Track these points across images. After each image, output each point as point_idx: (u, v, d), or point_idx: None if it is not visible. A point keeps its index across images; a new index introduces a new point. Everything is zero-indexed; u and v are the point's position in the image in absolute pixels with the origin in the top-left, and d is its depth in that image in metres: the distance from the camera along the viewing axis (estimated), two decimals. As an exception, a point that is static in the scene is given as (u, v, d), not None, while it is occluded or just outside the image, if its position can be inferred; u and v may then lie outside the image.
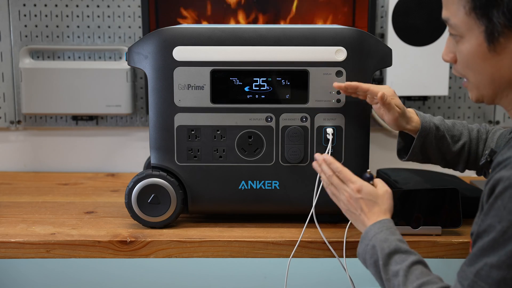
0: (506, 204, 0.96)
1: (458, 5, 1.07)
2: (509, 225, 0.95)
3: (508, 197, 0.96)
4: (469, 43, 1.07)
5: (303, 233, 1.43)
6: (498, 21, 1.02)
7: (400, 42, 1.92)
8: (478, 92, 1.11)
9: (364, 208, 1.28)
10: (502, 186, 0.97)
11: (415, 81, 1.92)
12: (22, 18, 2.02)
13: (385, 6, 1.99)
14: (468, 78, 1.12)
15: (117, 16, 2.03)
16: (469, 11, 1.06)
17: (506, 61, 1.05)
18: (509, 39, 1.03)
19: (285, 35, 1.46)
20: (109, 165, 2.12)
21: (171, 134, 1.49)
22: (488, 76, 1.08)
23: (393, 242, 1.19)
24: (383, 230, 1.22)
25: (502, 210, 0.96)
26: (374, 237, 1.21)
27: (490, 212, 0.98)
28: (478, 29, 1.05)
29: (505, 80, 1.07)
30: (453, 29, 1.10)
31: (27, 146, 2.11)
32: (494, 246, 0.96)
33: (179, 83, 1.47)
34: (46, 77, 2.00)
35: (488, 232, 0.98)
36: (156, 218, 1.50)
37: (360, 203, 1.28)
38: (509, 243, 0.95)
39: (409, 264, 1.14)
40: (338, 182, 1.32)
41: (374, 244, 1.20)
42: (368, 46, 1.46)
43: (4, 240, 1.44)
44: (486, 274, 0.97)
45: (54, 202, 1.73)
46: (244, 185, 1.50)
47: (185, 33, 1.46)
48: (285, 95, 1.48)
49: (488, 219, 0.98)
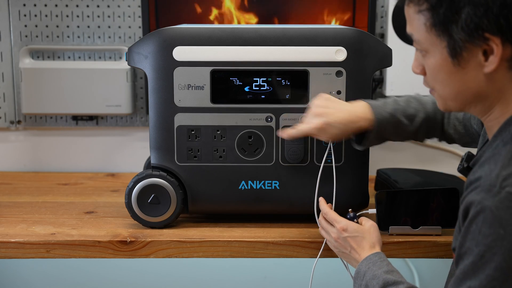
0: (480, 228, 0.97)
1: (419, 21, 1.08)
2: (485, 249, 0.97)
3: (481, 221, 0.97)
4: (434, 58, 1.09)
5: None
6: (458, 37, 1.04)
7: (400, 42, 1.92)
8: (445, 103, 1.13)
9: (353, 245, 1.31)
10: (474, 211, 0.99)
11: (415, 81, 1.92)
12: (22, 18, 2.02)
13: (385, 6, 1.99)
14: (436, 90, 1.13)
15: (117, 16, 2.03)
16: (430, 28, 1.07)
17: (471, 74, 1.06)
18: (471, 53, 1.04)
19: (285, 35, 1.46)
20: (109, 165, 2.12)
21: (171, 134, 1.49)
22: (455, 89, 1.09)
23: (380, 277, 1.22)
24: (370, 267, 1.25)
25: (477, 234, 0.98)
26: (365, 276, 1.25)
27: (467, 235, 1.00)
28: (440, 44, 1.07)
29: (471, 93, 1.08)
30: (417, 45, 1.11)
31: (27, 146, 2.11)
32: (474, 269, 0.98)
33: (179, 83, 1.47)
34: (46, 77, 2.00)
35: (468, 255, 1.00)
36: (156, 218, 1.50)
37: (348, 241, 1.32)
38: (487, 266, 0.97)
39: None
40: (326, 225, 1.37)
41: (366, 284, 1.24)
42: (368, 46, 1.46)
43: (4, 240, 1.44)
44: None
45: (54, 202, 1.73)
46: (244, 185, 1.50)
47: (185, 33, 1.46)
48: (285, 95, 1.48)
49: (467, 242, 1.00)
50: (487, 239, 0.96)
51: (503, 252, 0.95)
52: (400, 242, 1.43)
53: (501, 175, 0.98)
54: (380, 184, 1.81)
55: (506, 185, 0.97)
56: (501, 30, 1.01)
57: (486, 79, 1.06)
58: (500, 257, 0.95)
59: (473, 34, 1.02)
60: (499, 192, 0.96)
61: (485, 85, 1.06)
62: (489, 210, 0.96)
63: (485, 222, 0.96)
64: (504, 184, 0.97)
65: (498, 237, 0.95)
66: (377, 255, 1.28)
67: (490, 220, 0.96)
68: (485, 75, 1.05)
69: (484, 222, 0.97)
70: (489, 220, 0.96)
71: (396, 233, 1.45)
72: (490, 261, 0.96)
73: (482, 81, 1.06)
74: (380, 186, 1.81)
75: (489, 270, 0.96)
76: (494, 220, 0.95)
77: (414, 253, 1.45)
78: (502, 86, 1.06)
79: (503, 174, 0.98)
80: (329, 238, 1.37)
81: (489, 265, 0.96)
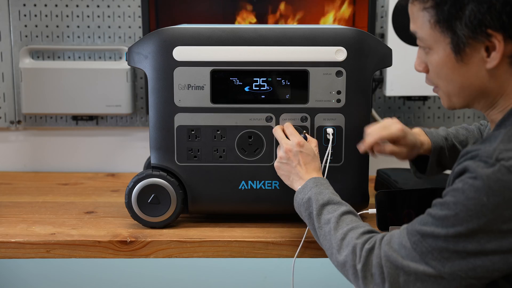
0: (465, 190, 1.01)
1: (423, 19, 1.12)
2: (462, 209, 1.01)
3: (469, 184, 1.01)
4: (438, 54, 1.12)
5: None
6: (462, 33, 1.07)
7: (400, 42, 1.92)
8: (449, 99, 1.16)
9: (301, 161, 1.36)
10: (468, 175, 1.02)
11: (415, 81, 1.92)
12: (22, 18, 2.02)
13: (385, 6, 1.99)
14: (440, 87, 1.16)
15: (117, 16, 2.03)
16: (434, 25, 1.10)
17: (474, 70, 1.09)
18: (474, 49, 1.08)
19: (285, 35, 1.46)
20: (109, 165, 2.12)
21: (171, 134, 1.49)
22: (458, 85, 1.12)
23: (326, 194, 1.28)
24: (318, 185, 1.31)
25: (460, 194, 1.02)
26: (310, 191, 1.30)
27: (451, 191, 1.04)
28: (444, 41, 1.10)
29: (475, 88, 1.11)
30: (421, 42, 1.15)
31: (27, 146, 2.11)
32: (445, 221, 1.03)
33: (179, 83, 1.47)
34: (46, 77, 2.00)
35: (443, 207, 1.04)
36: (156, 218, 1.50)
37: (299, 156, 1.37)
38: (459, 225, 1.02)
39: (341, 213, 1.23)
40: (281, 135, 1.42)
41: (309, 197, 1.29)
42: (368, 46, 1.46)
43: (4, 240, 1.44)
44: (432, 240, 1.05)
45: (54, 202, 1.73)
46: (244, 185, 1.50)
47: (185, 33, 1.46)
48: (285, 95, 1.48)
49: (447, 196, 1.05)
50: (469, 201, 1.01)
51: (478, 217, 1.00)
52: (400, 242, 1.43)
53: (498, 148, 1.02)
54: (380, 184, 1.81)
55: (502, 158, 1.00)
56: (504, 26, 1.04)
57: (488, 75, 1.09)
58: (474, 221, 1.00)
59: (476, 30, 1.05)
60: (493, 164, 1.00)
61: (488, 81, 1.10)
62: (480, 177, 1.00)
63: (472, 186, 1.01)
64: (500, 157, 1.01)
65: (478, 203, 1.00)
66: (325, 180, 1.34)
67: (478, 186, 1.00)
68: (488, 71, 1.09)
69: (472, 186, 1.01)
70: (477, 186, 1.00)
71: (396, 233, 1.45)
72: (463, 221, 1.01)
73: (485, 77, 1.09)
74: (380, 186, 1.81)
75: (459, 227, 1.02)
76: (481, 188, 1.00)
77: (414, 253, 1.44)
78: (504, 81, 1.09)
79: (501, 148, 1.02)
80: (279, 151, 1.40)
81: (460, 223, 1.02)
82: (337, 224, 1.21)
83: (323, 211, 1.25)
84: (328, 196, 1.27)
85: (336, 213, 1.23)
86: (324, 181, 1.33)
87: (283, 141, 1.40)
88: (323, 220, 1.24)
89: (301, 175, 1.35)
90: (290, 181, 1.38)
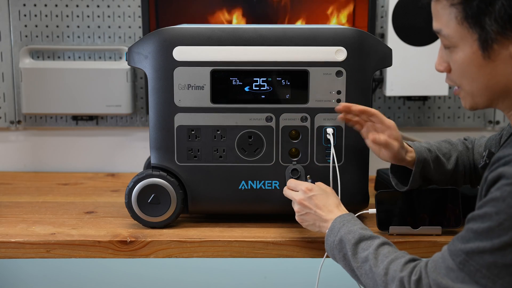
0: (506, 197, 0.98)
1: (449, 16, 1.08)
2: (506, 217, 0.98)
3: (508, 191, 0.98)
4: (463, 52, 1.09)
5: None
6: (491, 29, 1.04)
7: (400, 42, 1.92)
8: (472, 100, 1.13)
9: (319, 203, 1.33)
10: (504, 182, 0.99)
11: (415, 81, 1.93)
12: (22, 18, 2.02)
13: (385, 6, 1.99)
14: (463, 86, 1.13)
15: (117, 16, 2.03)
16: (461, 21, 1.07)
17: (500, 68, 1.07)
18: (502, 45, 1.05)
19: (285, 35, 1.46)
20: (109, 165, 2.12)
21: (171, 134, 1.49)
22: (483, 83, 1.09)
23: (357, 232, 1.23)
24: (345, 223, 1.27)
25: (501, 202, 0.98)
26: (339, 231, 1.26)
27: (489, 202, 1.01)
28: (471, 37, 1.07)
29: (500, 86, 1.08)
30: (446, 40, 1.11)
31: (27, 146, 2.11)
32: (489, 233, 0.99)
33: (179, 83, 1.47)
34: (46, 77, 2.00)
35: (484, 219, 1.00)
36: (156, 218, 1.50)
37: (313, 200, 1.34)
38: (504, 234, 0.98)
39: (376, 247, 1.19)
40: (290, 192, 1.39)
41: (340, 238, 1.25)
42: (368, 46, 1.46)
43: (4, 240, 1.44)
44: (479, 257, 1.00)
45: (54, 202, 1.73)
46: (244, 185, 1.50)
47: (185, 33, 1.46)
48: (285, 95, 1.48)
49: (486, 207, 1.01)
50: (510, 209, 0.97)
51: None
52: (400, 242, 1.43)
53: None
54: (380, 184, 1.81)
55: None
56: None
57: None
58: None
59: (506, 25, 1.03)
60: None
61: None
62: None
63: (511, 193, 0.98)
64: None
65: None
66: (350, 215, 1.30)
67: None
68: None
69: (511, 192, 0.97)
70: None
71: (396, 233, 1.45)
72: (508, 230, 0.97)
73: (511, 75, 1.06)
74: (380, 186, 1.80)
75: (505, 237, 0.98)
76: None
77: (414, 253, 1.42)
78: None
79: None
80: (294, 206, 1.37)
81: (506, 232, 0.98)
82: (376, 260, 1.17)
83: (358, 249, 1.21)
84: (358, 233, 1.23)
85: (371, 249, 1.19)
86: (349, 217, 1.29)
87: (292, 195, 1.38)
88: (360, 259, 1.20)
89: (324, 217, 1.32)
90: (318, 228, 1.34)
